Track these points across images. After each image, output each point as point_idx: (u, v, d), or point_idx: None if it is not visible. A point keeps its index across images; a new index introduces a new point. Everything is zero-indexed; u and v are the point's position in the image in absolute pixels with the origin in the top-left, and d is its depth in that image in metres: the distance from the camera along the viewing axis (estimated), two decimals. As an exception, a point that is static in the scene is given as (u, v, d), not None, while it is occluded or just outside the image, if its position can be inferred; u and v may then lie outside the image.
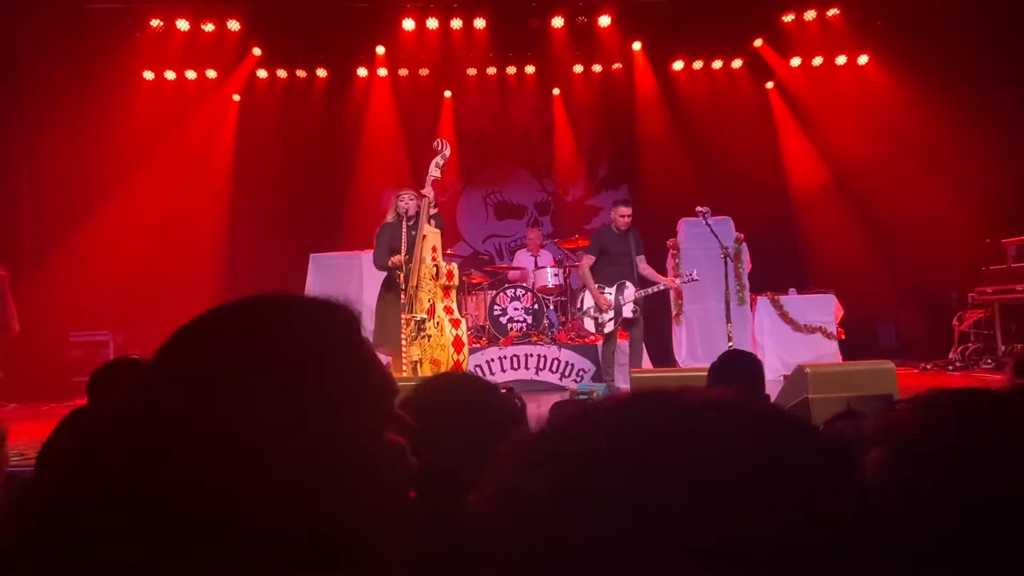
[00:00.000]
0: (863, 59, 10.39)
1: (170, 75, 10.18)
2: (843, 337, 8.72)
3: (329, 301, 0.74)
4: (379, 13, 9.75)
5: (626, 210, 6.89)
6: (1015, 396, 0.89)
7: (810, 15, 10.05)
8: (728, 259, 6.48)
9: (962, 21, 9.16)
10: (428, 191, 5.83)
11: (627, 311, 6.76)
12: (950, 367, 8.68)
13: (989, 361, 8.51)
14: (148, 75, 10.09)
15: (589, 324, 7.03)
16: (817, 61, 10.49)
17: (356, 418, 0.67)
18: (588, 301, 6.96)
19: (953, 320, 9.14)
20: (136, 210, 9.52)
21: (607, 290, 6.83)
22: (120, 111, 9.70)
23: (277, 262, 9.27)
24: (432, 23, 9.88)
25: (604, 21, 9.94)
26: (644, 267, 6.97)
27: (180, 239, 9.80)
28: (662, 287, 6.94)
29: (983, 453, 0.75)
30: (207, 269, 9.58)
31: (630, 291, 6.76)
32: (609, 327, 6.84)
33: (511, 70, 10.77)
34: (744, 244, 8.70)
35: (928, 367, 8.73)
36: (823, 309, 8.82)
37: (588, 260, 6.99)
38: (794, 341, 8.59)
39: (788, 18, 10.11)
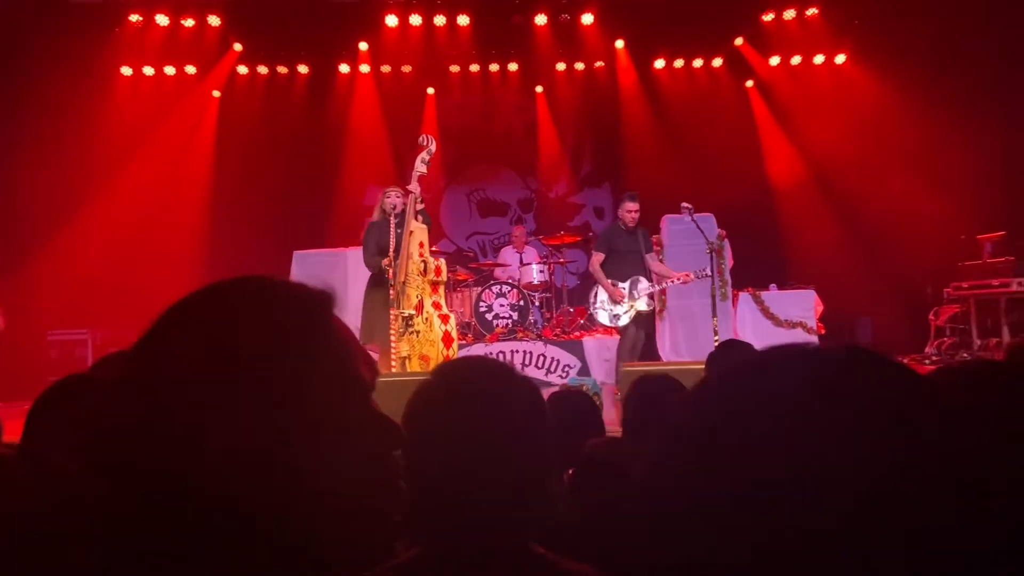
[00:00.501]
0: (841, 58, 10.54)
1: (149, 71, 10.07)
2: (823, 332, 8.85)
3: (296, 286, 0.70)
4: (362, 9, 9.71)
5: (632, 206, 6.80)
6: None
7: (789, 14, 10.18)
8: (713, 255, 6.54)
9: (938, 21, 9.31)
10: (414, 187, 5.82)
11: (642, 304, 6.73)
12: (926, 361, 8.83)
13: (965, 355, 8.66)
14: (126, 71, 9.98)
15: (603, 317, 6.91)
16: (796, 60, 10.62)
17: (325, 406, 0.65)
18: (602, 295, 6.89)
19: (929, 315, 9.31)
20: (115, 207, 9.40)
21: (620, 285, 6.78)
22: (98, 107, 9.57)
23: (260, 259, 9.20)
24: (415, 20, 9.87)
25: (587, 19, 9.99)
26: (656, 264, 6.94)
27: (160, 237, 9.70)
28: (677, 282, 6.88)
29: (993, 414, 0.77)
30: (188, 267, 9.48)
31: (644, 285, 6.72)
32: (624, 320, 6.77)
33: (494, 67, 10.78)
34: (726, 240, 8.79)
35: (905, 361, 8.87)
36: (803, 304, 8.94)
37: (597, 257, 6.92)
38: (775, 336, 8.69)
39: (768, 17, 10.23)
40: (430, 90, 10.90)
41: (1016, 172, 9.22)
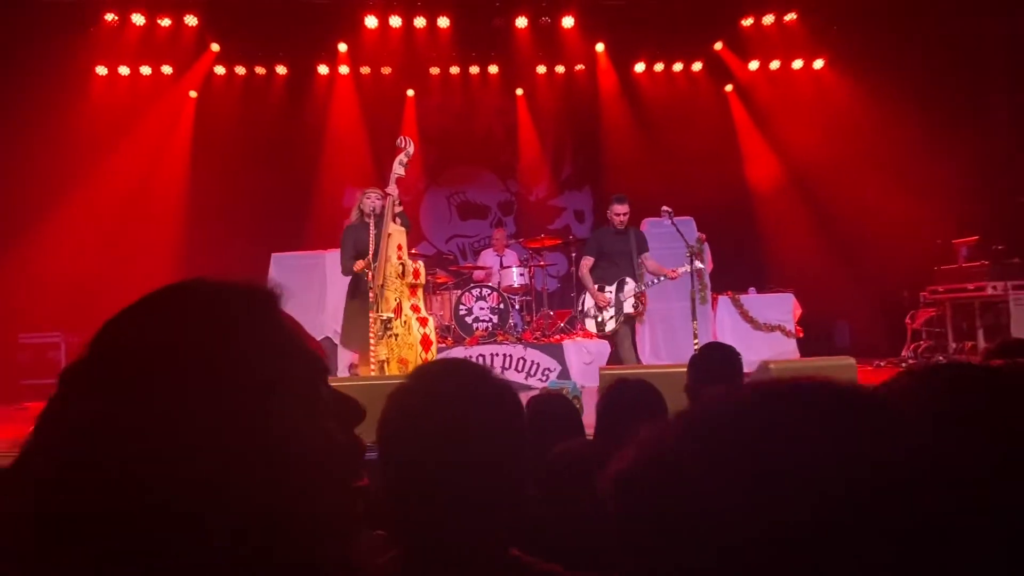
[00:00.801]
0: (819, 63, 10.63)
1: (124, 71, 9.93)
2: (801, 335, 8.91)
3: (240, 283, 0.70)
4: (341, 10, 9.65)
5: (620, 208, 6.72)
6: (1007, 369, 0.92)
7: (768, 19, 10.25)
8: (694, 258, 6.54)
9: (915, 29, 9.42)
10: (392, 189, 5.78)
11: (628, 307, 6.63)
12: (903, 364, 8.91)
13: (941, 358, 8.75)
14: (101, 70, 9.84)
15: (590, 325, 6.84)
16: (775, 65, 10.69)
17: (276, 404, 0.64)
18: (588, 302, 6.81)
19: (906, 318, 9.39)
20: (89, 209, 9.26)
21: (607, 289, 6.69)
22: (73, 107, 9.43)
23: (237, 261, 9.10)
24: (395, 21, 9.82)
25: (567, 22, 9.99)
26: (652, 264, 6.80)
27: (135, 239, 9.56)
28: (663, 279, 6.76)
29: (972, 419, 0.76)
30: (163, 269, 9.35)
31: (630, 287, 6.64)
32: (611, 325, 6.69)
33: (474, 69, 10.76)
34: (706, 244, 8.82)
35: (882, 364, 8.94)
36: (782, 308, 8.99)
37: (586, 261, 6.84)
38: (755, 339, 8.73)
39: (747, 22, 10.29)
40: (410, 92, 10.85)
41: (990, 177, 9.34)
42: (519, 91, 11.07)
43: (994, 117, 9.57)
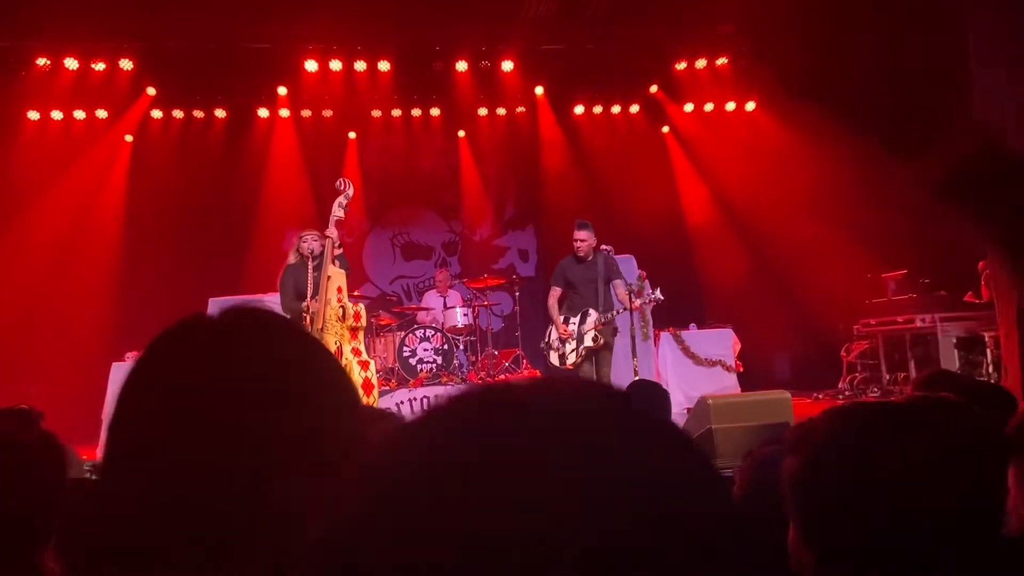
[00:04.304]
0: (751, 105, 11.00)
1: (57, 115, 9.73)
2: (741, 369, 9.07)
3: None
4: (280, 54, 9.65)
5: (580, 234, 6.50)
6: (909, 404, 0.97)
7: (701, 64, 10.59)
8: (632, 295, 6.61)
9: (844, 72, 9.83)
10: (332, 231, 5.76)
11: (588, 339, 6.44)
12: (840, 396, 9.13)
13: (875, 389, 8.99)
14: (33, 115, 9.62)
15: (554, 358, 6.64)
16: (709, 107, 11.03)
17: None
18: (553, 334, 6.67)
19: (841, 351, 9.65)
20: (18, 256, 8.97)
21: (572, 320, 6.52)
22: (1, 153, 9.19)
23: (174, 308, 8.82)
24: (335, 65, 9.86)
25: (507, 66, 10.17)
26: (623, 292, 6.53)
27: (67, 286, 9.28)
28: (623, 310, 6.50)
29: (878, 452, 0.80)
30: (97, 318, 9.10)
31: (593, 318, 6.46)
32: (571, 358, 6.51)
33: (416, 112, 10.84)
34: (646, 281, 8.95)
35: (820, 396, 9.15)
36: (722, 343, 9.16)
37: (554, 292, 6.69)
38: (696, 374, 8.85)
39: (680, 66, 10.61)
40: (352, 134, 10.86)
41: (916, 213, 9.72)
42: (461, 133, 11.18)
43: (919, 157, 9.99)
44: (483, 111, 10.94)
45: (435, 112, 10.88)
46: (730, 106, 11.03)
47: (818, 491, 0.82)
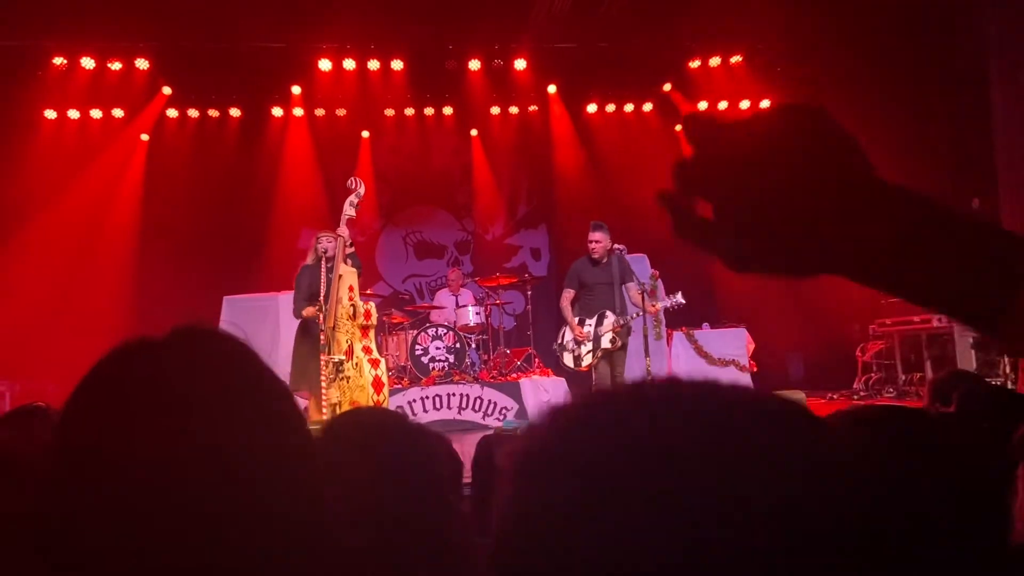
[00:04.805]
0: (766, 103, 10.92)
1: (74, 114, 9.83)
2: (755, 369, 9.02)
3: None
4: (294, 54, 9.69)
5: (595, 235, 6.45)
6: (909, 408, 0.95)
7: (715, 61, 10.53)
8: (646, 295, 6.58)
9: (858, 69, 9.75)
10: (343, 230, 5.78)
11: (605, 341, 6.38)
12: (855, 396, 9.06)
13: (891, 390, 8.91)
14: (50, 114, 9.72)
15: (568, 359, 6.57)
16: (723, 105, 10.96)
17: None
18: (568, 335, 6.59)
19: (856, 351, 9.57)
20: (36, 255, 9.07)
21: (588, 322, 6.46)
22: (19, 152, 9.29)
23: (189, 305, 8.95)
24: (349, 64, 9.88)
25: (520, 64, 10.15)
26: (636, 295, 6.49)
27: (84, 284, 9.38)
28: (638, 314, 6.44)
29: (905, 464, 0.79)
30: (113, 315, 9.18)
31: (610, 320, 6.39)
32: (587, 360, 6.45)
33: (429, 111, 10.85)
34: (659, 280, 8.92)
35: (835, 397, 9.08)
36: (735, 343, 9.11)
37: (567, 294, 6.63)
38: (709, 374, 8.71)
39: (694, 64, 10.56)
40: (365, 133, 10.89)
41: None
42: (474, 132, 11.18)
43: (933, 155, 9.90)
44: (496, 110, 10.93)
45: (448, 111, 10.89)
46: (744, 104, 10.96)
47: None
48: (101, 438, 0.70)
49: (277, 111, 10.45)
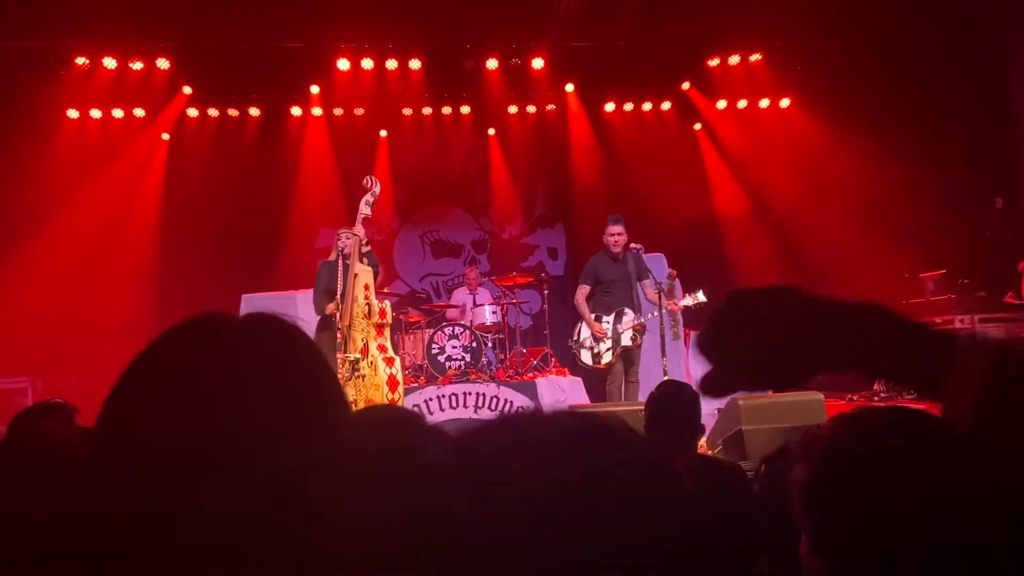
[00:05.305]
0: (785, 102, 10.83)
1: (96, 114, 9.93)
2: (774, 370, 8.92)
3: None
4: (313, 53, 9.74)
5: (615, 229, 6.39)
6: (919, 410, 0.93)
7: (734, 60, 10.46)
8: (663, 295, 6.53)
9: (877, 66, 9.65)
10: (359, 229, 5.81)
11: (626, 339, 6.34)
12: (875, 398, 8.95)
13: (912, 392, 8.79)
14: (72, 114, 9.83)
15: (586, 356, 6.53)
16: (742, 104, 10.88)
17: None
18: (584, 332, 6.53)
19: (876, 352, 9.45)
20: (58, 252, 9.18)
21: (605, 319, 6.40)
22: (42, 150, 9.40)
23: (208, 303, 8.91)
24: (367, 63, 9.92)
25: (537, 64, 10.14)
26: (652, 292, 6.47)
27: (105, 281, 9.47)
28: (663, 311, 6.42)
29: (887, 459, 0.78)
30: (133, 312, 9.26)
31: (629, 317, 6.35)
32: (607, 357, 6.40)
33: (447, 110, 10.86)
34: (677, 280, 8.85)
35: (854, 398, 8.98)
36: (754, 343, 9.01)
37: (582, 290, 6.56)
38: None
39: (713, 62, 10.48)
40: (383, 132, 10.93)
41: (954, 213, 9.52)
42: (491, 131, 11.18)
43: (955, 153, 9.79)
44: (513, 109, 10.92)
45: (465, 110, 10.89)
46: (764, 103, 10.87)
47: (827, 499, 0.80)
48: (151, 414, 0.69)
49: (296, 110, 10.51)
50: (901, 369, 0.80)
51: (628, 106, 11.03)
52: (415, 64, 10.00)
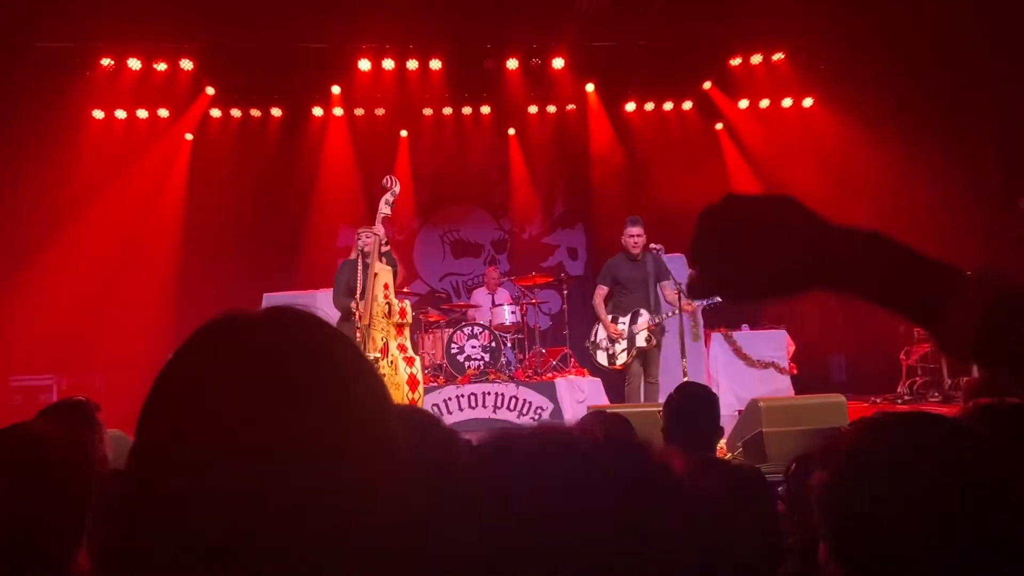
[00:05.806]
0: (808, 101, 10.73)
1: (121, 114, 10.06)
2: (795, 372, 8.86)
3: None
4: (334, 54, 9.78)
5: (633, 230, 6.41)
6: (940, 415, 0.92)
7: (756, 59, 10.37)
8: (682, 295, 6.51)
9: (902, 66, 9.54)
10: (378, 228, 5.83)
11: (640, 340, 6.33)
12: (899, 400, 8.85)
13: (936, 394, 8.69)
14: (98, 114, 9.96)
15: (602, 357, 6.53)
16: (765, 103, 10.79)
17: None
18: (601, 333, 6.54)
19: (900, 354, 9.34)
20: (83, 251, 9.30)
21: (621, 320, 6.41)
22: (68, 150, 9.53)
23: (230, 301, 9.00)
24: (388, 64, 9.95)
25: (557, 63, 10.12)
26: (671, 293, 6.44)
27: (129, 280, 9.59)
28: (676, 312, 6.37)
29: (908, 465, 0.76)
30: (157, 310, 9.38)
31: (645, 318, 6.34)
32: (622, 358, 6.39)
33: (467, 110, 10.87)
34: (697, 281, 8.81)
35: (877, 400, 8.88)
36: (775, 344, 8.96)
37: (600, 291, 6.56)
38: (748, 376, 8.69)
39: (735, 62, 10.41)
40: (403, 132, 10.96)
41: (978, 212, 9.38)
42: (511, 131, 11.18)
43: (979, 152, 9.65)
44: (533, 109, 10.91)
45: (485, 110, 10.89)
46: (787, 102, 10.78)
47: (846, 505, 0.78)
48: (191, 413, 0.66)
49: (317, 111, 10.57)
50: (899, 293, 0.79)
51: (649, 106, 10.99)
52: (435, 64, 10.02)
